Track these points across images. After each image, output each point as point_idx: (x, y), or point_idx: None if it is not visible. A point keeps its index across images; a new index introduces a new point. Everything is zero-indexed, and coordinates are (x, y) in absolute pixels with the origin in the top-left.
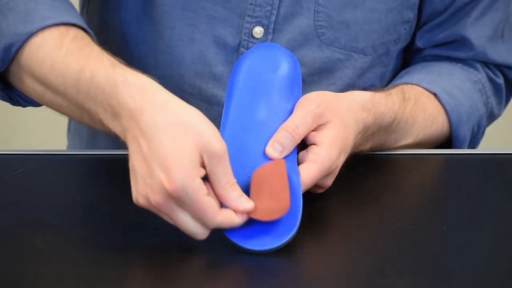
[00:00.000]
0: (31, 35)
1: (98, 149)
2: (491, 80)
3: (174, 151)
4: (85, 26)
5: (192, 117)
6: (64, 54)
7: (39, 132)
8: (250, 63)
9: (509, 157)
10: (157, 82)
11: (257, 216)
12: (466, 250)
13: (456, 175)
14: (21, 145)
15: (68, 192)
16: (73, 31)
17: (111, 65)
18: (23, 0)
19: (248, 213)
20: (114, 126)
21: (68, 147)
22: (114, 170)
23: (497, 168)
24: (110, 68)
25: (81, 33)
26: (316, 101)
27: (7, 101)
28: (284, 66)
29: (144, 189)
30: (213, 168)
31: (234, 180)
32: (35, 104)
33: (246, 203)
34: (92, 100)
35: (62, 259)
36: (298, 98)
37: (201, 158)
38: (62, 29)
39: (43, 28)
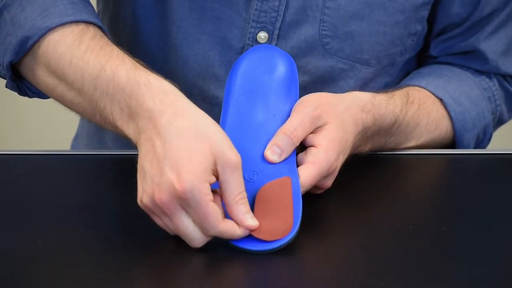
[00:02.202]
0: (49, 30)
1: (99, 149)
2: (504, 89)
3: (188, 155)
4: (103, 25)
5: (210, 126)
6: (84, 50)
7: (39, 132)
8: (246, 65)
9: (509, 157)
10: (178, 88)
11: (259, 236)
12: (466, 250)
13: (456, 175)
14: (21, 145)
15: (68, 192)
16: (92, 29)
17: (133, 66)
18: None
19: (250, 230)
20: (128, 127)
21: (77, 134)
22: (115, 170)
23: (497, 168)
24: (132, 69)
25: (99, 32)
26: (313, 103)
27: (15, 91)
28: (281, 68)
29: (151, 187)
30: (227, 177)
31: (245, 194)
32: (43, 96)
33: (251, 220)
34: (109, 98)
35: (62, 259)
36: (296, 99)
37: (215, 166)
38: (81, 26)
39: (62, 24)
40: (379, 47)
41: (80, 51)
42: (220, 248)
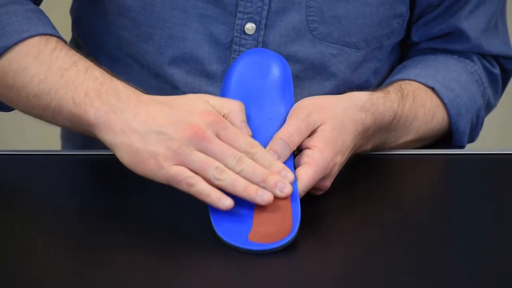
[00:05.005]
0: (6, 49)
1: (97, 150)
2: (487, 71)
3: (192, 104)
4: (61, 36)
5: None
6: (53, 49)
7: (40, 132)
8: (240, 70)
9: (509, 157)
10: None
11: (259, 240)
12: (466, 251)
13: (456, 175)
14: (21, 145)
15: (69, 192)
16: (54, 39)
17: (105, 71)
18: None
19: (250, 237)
20: (93, 106)
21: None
22: (113, 170)
23: (497, 168)
24: (106, 71)
25: (61, 42)
26: (308, 109)
27: None
28: (274, 71)
29: (174, 133)
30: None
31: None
32: (5, 109)
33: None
34: (74, 86)
35: (61, 259)
36: (291, 102)
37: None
38: (41, 38)
39: (20, 41)
40: (366, 29)
41: (48, 49)
42: (219, 249)
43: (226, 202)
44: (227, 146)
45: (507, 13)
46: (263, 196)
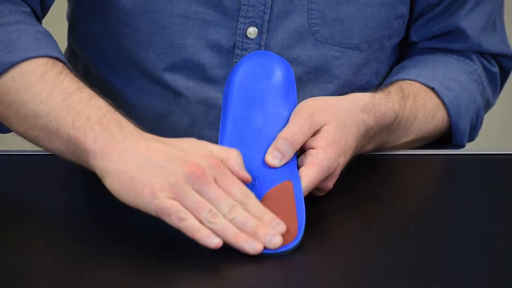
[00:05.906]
0: (13, 65)
1: None
2: (486, 70)
3: (192, 146)
4: (66, 61)
5: None
6: (58, 72)
7: None
8: (243, 73)
9: (509, 157)
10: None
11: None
12: (467, 251)
13: (456, 175)
14: (21, 145)
15: (67, 192)
16: (61, 64)
17: (109, 103)
18: (7, 30)
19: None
20: (92, 131)
21: None
22: None
23: (497, 168)
24: (110, 104)
25: (67, 68)
26: (310, 109)
27: None
28: (277, 73)
29: (173, 169)
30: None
31: None
32: (4, 130)
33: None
34: (76, 110)
35: (61, 259)
36: (294, 103)
37: None
38: (48, 60)
39: (26, 59)
40: (368, 30)
41: (54, 72)
42: (225, 251)
43: (216, 240)
44: (223, 192)
45: (505, 13)
46: (253, 245)
